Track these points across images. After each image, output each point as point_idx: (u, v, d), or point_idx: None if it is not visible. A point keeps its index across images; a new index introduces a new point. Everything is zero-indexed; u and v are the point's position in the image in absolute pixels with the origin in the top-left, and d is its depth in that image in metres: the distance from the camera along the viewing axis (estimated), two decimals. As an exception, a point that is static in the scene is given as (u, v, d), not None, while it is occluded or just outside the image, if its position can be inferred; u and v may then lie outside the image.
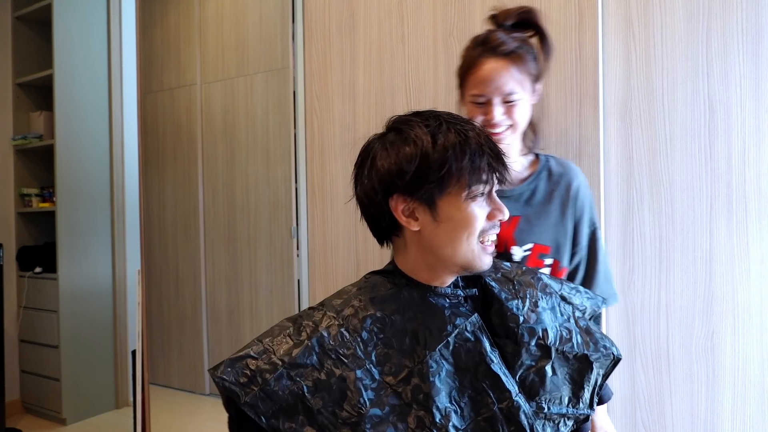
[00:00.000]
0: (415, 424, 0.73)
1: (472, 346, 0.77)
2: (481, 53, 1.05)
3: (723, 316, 1.26)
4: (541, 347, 0.79)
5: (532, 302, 0.81)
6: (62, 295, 2.89)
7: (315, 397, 0.72)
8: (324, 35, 1.72)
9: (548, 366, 0.78)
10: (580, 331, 0.82)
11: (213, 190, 2.39)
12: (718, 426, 1.26)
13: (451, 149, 0.74)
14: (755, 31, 1.23)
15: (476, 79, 1.06)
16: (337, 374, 0.74)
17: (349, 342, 0.76)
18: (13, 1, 3.04)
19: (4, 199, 3.05)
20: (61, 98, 2.91)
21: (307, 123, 1.75)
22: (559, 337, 0.80)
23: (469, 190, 0.75)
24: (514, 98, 1.05)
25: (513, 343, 0.79)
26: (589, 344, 0.81)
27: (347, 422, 0.72)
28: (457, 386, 0.75)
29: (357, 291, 0.82)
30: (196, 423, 2.37)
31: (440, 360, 0.76)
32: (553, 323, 0.81)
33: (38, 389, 3.00)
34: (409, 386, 0.74)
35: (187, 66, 2.44)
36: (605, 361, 0.82)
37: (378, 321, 0.77)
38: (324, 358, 0.74)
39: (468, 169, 0.74)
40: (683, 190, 1.29)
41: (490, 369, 0.75)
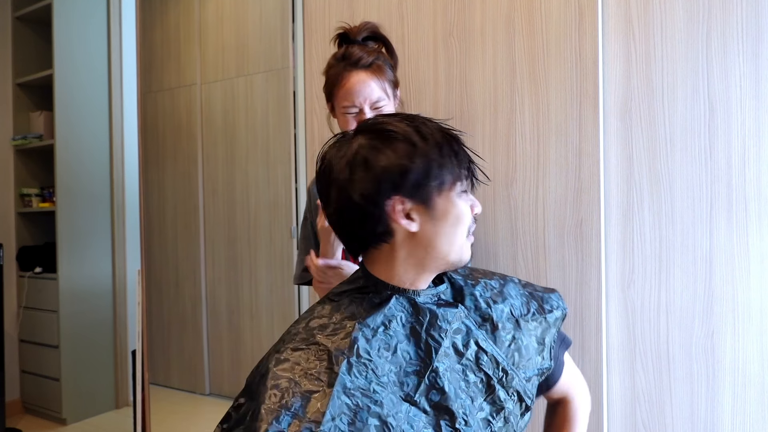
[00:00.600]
0: (441, 428, 0.74)
1: (467, 336, 0.80)
2: (344, 68, 1.17)
3: (723, 316, 1.26)
4: (511, 321, 0.85)
5: (495, 290, 0.88)
6: (62, 295, 2.89)
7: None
8: (324, 35, 1.72)
9: (519, 335, 0.85)
10: (534, 301, 0.90)
11: (213, 190, 2.39)
12: (718, 426, 1.27)
13: (445, 145, 0.76)
14: (755, 31, 1.23)
15: (345, 92, 1.16)
16: (371, 410, 0.70)
17: (363, 377, 0.71)
18: (13, 1, 3.04)
19: (4, 199, 3.05)
20: (61, 98, 2.92)
21: (307, 123, 1.75)
22: (522, 309, 0.88)
23: (460, 184, 0.77)
24: (382, 104, 1.17)
25: (492, 326, 0.83)
26: (542, 306, 0.90)
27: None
28: (464, 378, 0.79)
29: (342, 314, 0.78)
30: (196, 423, 2.37)
31: (445, 361, 0.77)
32: (516, 300, 0.88)
33: (38, 389, 3.00)
34: (427, 395, 0.75)
35: (187, 66, 2.44)
36: (560, 322, 0.91)
37: (381, 342, 0.75)
38: (351, 401, 0.69)
39: (456, 164, 0.77)
40: (683, 190, 1.29)
41: (483, 348, 0.81)
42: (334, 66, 1.19)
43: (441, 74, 1.53)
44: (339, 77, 1.17)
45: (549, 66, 1.40)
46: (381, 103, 1.17)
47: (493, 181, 1.47)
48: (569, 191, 1.38)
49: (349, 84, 1.16)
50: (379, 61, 1.18)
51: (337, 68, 1.18)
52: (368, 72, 1.16)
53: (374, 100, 1.16)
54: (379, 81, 1.17)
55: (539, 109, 1.41)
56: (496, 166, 1.46)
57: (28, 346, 3.04)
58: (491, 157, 1.48)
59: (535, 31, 1.41)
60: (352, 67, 1.16)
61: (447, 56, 1.53)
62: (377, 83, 1.16)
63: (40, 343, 2.97)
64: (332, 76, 1.19)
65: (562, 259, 1.39)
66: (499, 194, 1.45)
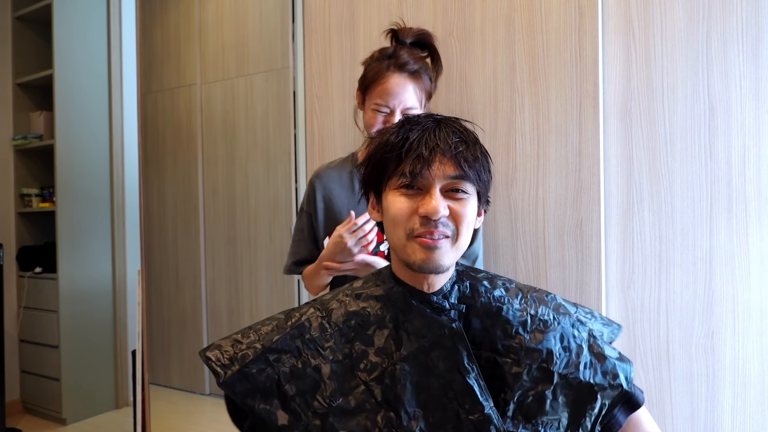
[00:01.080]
0: (383, 423, 0.73)
1: (449, 355, 0.75)
2: (388, 67, 1.18)
3: (723, 316, 1.26)
4: (543, 370, 0.76)
5: (542, 321, 0.78)
6: (62, 295, 2.89)
7: (290, 383, 0.75)
8: (324, 35, 1.72)
9: (549, 390, 0.75)
10: (591, 357, 0.78)
11: (213, 190, 2.39)
12: (718, 426, 1.27)
13: (407, 142, 0.75)
14: (755, 31, 1.23)
15: (383, 90, 1.18)
16: (312, 364, 0.76)
17: (328, 334, 0.77)
18: (13, 1, 3.04)
19: (4, 199, 3.05)
20: (61, 98, 2.91)
21: (307, 123, 1.75)
22: (565, 362, 0.76)
23: (404, 181, 0.75)
24: (413, 111, 1.19)
25: (515, 363, 0.76)
26: (597, 372, 0.77)
27: (317, 412, 0.74)
28: (428, 392, 0.75)
29: (348, 287, 0.84)
30: (196, 423, 2.37)
31: (414, 364, 0.75)
32: (560, 346, 0.77)
33: (38, 389, 3.00)
34: (381, 386, 0.75)
35: (187, 66, 2.44)
36: (611, 392, 0.77)
37: (360, 317, 0.78)
38: (303, 346, 0.77)
39: (402, 161, 0.74)
40: (683, 190, 1.29)
41: (465, 380, 0.74)
42: (379, 61, 1.20)
43: (441, 74, 1.53)
44: (381, 74, 1.18)
45: (549, 66, 1.40)
46: (413, 110, 1.18)
47: (493, 181, 1.47)
48: (569, 191, 1.38)
49: (389, 84, 1.17)
50: (422, 70, 1.21)
51: (381, 65, 1.19)
52: (410, 78, 1.19)
53: (408, 106, 1.18)
54: (418, 89, 1.19)
55: (539, 109, 1.41)
56: (496, 166, 1.46)
57: (28, 346, 3.03)
58: (491, 156, 1.48)
59: (535, 31, 1.41)
60: (396, 68, 1.18)
61: (447, 56, 1.53)
62: (415, 91, 1.19)
63: (40, 343, 2.97)
64: (374, 70, 1.20)
65: (562, 259, 1.39)
66: (499, 194, 1.45)
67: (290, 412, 0.74)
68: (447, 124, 0.77)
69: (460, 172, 0.73)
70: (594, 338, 0.79)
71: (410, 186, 0.74)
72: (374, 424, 0.73)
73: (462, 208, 0.74)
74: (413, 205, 0.74)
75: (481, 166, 0.76)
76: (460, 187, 0.74)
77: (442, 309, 0.78)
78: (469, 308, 0.79)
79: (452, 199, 0.74)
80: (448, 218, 0.74)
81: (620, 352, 0.82)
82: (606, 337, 0.84)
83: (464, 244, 0.76)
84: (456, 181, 0.74)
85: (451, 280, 0.80)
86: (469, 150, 0.75)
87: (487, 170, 0.78)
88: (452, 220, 0.74)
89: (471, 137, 0.77)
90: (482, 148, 0.79)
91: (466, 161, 0.74)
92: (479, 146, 0.78)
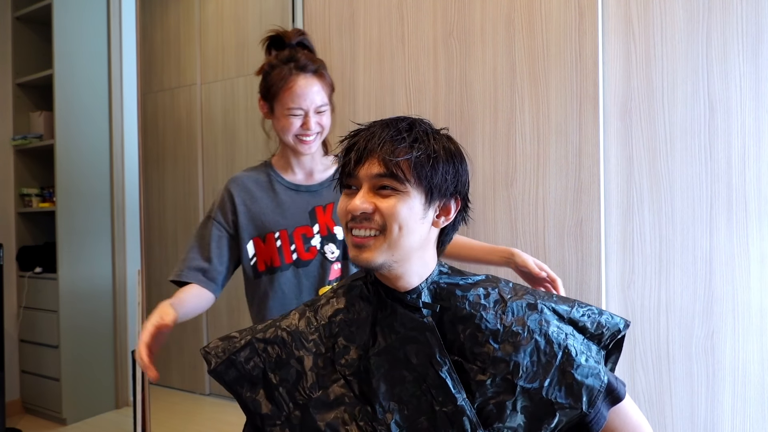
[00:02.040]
0: (359, 416, 0.75)
1: (422, 349, 0.77)
2: (291, 71, 1.20)
3: (723, 316, 1.26)
4: (507, 381, 0.76)
5: (515, 334, 0.78)
6: (62, 295, 2.88)
7: (275, 372, 0.78)
8: (324, 35, 1.72)
9: (509, 401, 0.76)
10: (559, 375, 0.77)
11: (213, 190, 2.38)
12: (718, 426, 1.26)
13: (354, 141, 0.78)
14: (755, 31, 1.23)
15: (292, 94, 1.19)
16: (296, 355, 0.79)
17: (314, 328, 0.81)
18: (13, 1, 3.04)
19: (4, 199, 3.05)
20: (61, 98, 2.91)
21: (307, 123, 1.75)
22: (531, 376, 0.76)
23: (345, 180, 0.79)
24: (324, 109, 1.23)
25: (480, 371, 0.77)
26: (561, 391, 0.77)
27: (297, 403, 0.77)
28: (403, 385, 0.77)
29: (337, 285, 0.88)
30: (196, 423, 2.37)
31: (388, 358, 0.77)
32: (529, 360, 0.77)
33: (38, 389, 2.99)
34: (358, 379, 0.77)
35: (187, 66, 2.44)
36: (570, 412, 0.77)
37: (346, 314, 0.81)
38: (288, 338, 0.80)
39: (342, 163, 0.78)
40: (683, 190, 1.29)
41: (438, 374, 0.76)
42: (279, 67, 1.22)
43: (441, 74, 1.53)
44: (286, 79, 1.20)
45: (549, 66, 1.40)
46: (323, 108, 1.22)
47: (493, 181, 1.47)
48: (569, 191, 1.38)
49: (296, 87, 1.19)
50: (321, 68, 1.24)
51: (283, 70, 1.21)
52: (314, 77, 1.22)
53: (318, 104, 1.21)
54: (323, 87, 1.23)
55: (539, 109, 1.41)
56: (496, 166, 1.46)
57: (28, 346, 3.03)
58: (491, 157, 1.48)
59: (535, 31, 1.41)
60: (299, 70, 1.20)
61: (447, 56, 1.53)
62: (321, 89, 1.22)
63: (40, 343, 2.97)
64: (277, 76, 1.21)
65: (562, 259, 1.39)
66: (499, 194, 1.45)
67: (273, 402, 0.77)
68: (390, 125, 0.78)
69: (386, 171, 0.74)
70: (568, 355, 0.78)
71: (349, 186, 0.78)
72: (352, 417, 0.76)
73: (388, 205, 0.75)
74: (348, 203, 0.78)
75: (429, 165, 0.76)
76: (387, 185, 0.75)
77: (415, 308, 0.79)
78: (444, 310, 0.80)
79: (381, 196, 0.76)
80: (374, 214, 0.75)
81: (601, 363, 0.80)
82: (607, 336, 0.83)
83: (404, 241, 0.75)
84: (381, 179, 0.75)
85: (428, 280, 0.81)
86: (406, 149, 0.75)
87: (439, 170, 0.76)
88: (380, 216, 0.75)
89: (417, 136, 0.77)
90: (437, 146, 0.78)
91: (392, 160, 0.74)
92: (428, 144, 0.77)
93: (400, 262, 0.77)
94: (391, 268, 0.77)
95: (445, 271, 0.84)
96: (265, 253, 1.26)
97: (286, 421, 0.76)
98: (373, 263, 0.75)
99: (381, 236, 0.75)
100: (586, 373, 0.78)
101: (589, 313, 0.84)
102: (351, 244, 0.77)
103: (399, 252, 0.76)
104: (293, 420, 0.76)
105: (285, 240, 1.25)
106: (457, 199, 0.81)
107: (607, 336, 0.84)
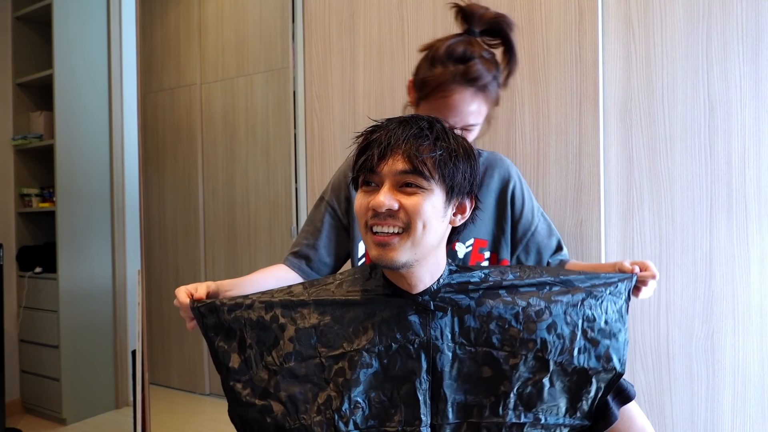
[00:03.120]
0: (323, 400, 0.76)
1: (407, 362, 0.77)
2: (455, 78, 1.01)
3: (723, 316, 1.26)
4: (539, 360, 0.77)
5: (534, 312, 0.79)
6: (62, 295, 2.88)
7: (253, 331, 0.80)
8: (324, 35, 1.72)
9: (546, 378, 0.77)
10: (585, 341, 0.79)
11: (213, 190, 2.39)
12: (718, 426, 1.27)
13: (366, 140, 0.78)
14: (755, 31, 1.23)
15: (444, 105, 1.02)
16: (279, 321, 0.80)
17: (306, 303, 0.81)
18: (13, 1, 3.04)
19: (4, 199, 3.04)
20: (61, 98, 2.91)
21: (307, 123, 1.75)
22: (559, 349, 0.78)
23: (363, 178, 0.78)
24: (472, 128, 1.05)
25: (511, 355, 0.77)
26: (591, 356, 0.79)
27: (267, 367, 0.78)
28: (377, 388, 0.77)
29: (340, 273, 0.88)
30: (196, 423, 2.37)
31: (374, 358, 0.77)
32: (554, 334, 0.78)
33: (38, 389, 2.99)
34: (336, 366, 0.77)
35: (187, 66, 2.44)
36: (606, 376, 0.79)
37: (341, 299, 0.82)
38: (276, 305, 0.81)
39: (357, 158, 0.77)
40: (683, 190, 1.29)
41: (414, 391, 0.76)
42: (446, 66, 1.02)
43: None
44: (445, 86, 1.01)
45: (549, 66, 1.40)
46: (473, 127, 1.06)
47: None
48: (569, 191, 1.38)
49: (452, 100, 1.01)
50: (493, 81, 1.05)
51: (447, 72, 1.01)
52: (476, 92, 1.02)
53: (469, 122, 1.04)
54: (483, 105, 1.05)
55: (539, 109, 1.41)
56: (496, 166, 1.46)
57: (28, 346, 3.03)
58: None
59: (535, 31, 1.41)
60: (464, 83, 1.01)
61: (447, 56, 1.52)
62: (480, 107, 1.04)
63: (40, 343, 2.97)
64: (438, 78, 1.01)
65: (562, 259, 1.39)
66: (499, 194, 1.45)
67: (243, 358, 0.79)
68: (410, 122, 0.77)
69: (411, 167, 0.74)
70: (588, 322, 0.80)
71: (368, 183, 0.77)
72: (315, 397, 0.76)
73: (413, 202, 0.74)
74: (369, 200, 0.76)
75: (451, 163, 0.76)
76: (411, 182, 0.74)
77: (426, 310, 0.79)
78: (460, 307, 0.80)
79: (405, 194, 0.75)
80: (399, 212, 0.74)
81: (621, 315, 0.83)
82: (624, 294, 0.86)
83: (426, 239, 0.75)
84: (406, 176, 0.74)
85: (441, 280, 0.81)
86: (430, 146, 0.75)
87: (459, 168, 0.77)
88: (405, 214, 0.74)
89: (439, 135, 0.77)
90: (456, 145, 0.78)
91: (418, 157, 0.74)
92: (449, 143, 0.77)
93: (421, 260, 0.77)
94: (411, 267, 0.77)
95: (455, 269, 0.84)
96: None
97: (249, 381, 0.78)
98: (397, 262, 0.75)
99: (405, 234, 0.75)
100: (608, 332, 0.80)
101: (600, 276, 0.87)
102: (373, 243, 0.76)
103: (421, 250, 0.76)
104: (257, 381, 0.78)
105: None
106: (471, 197, 0.82)
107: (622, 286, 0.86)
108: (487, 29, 1.08)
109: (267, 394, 0.77)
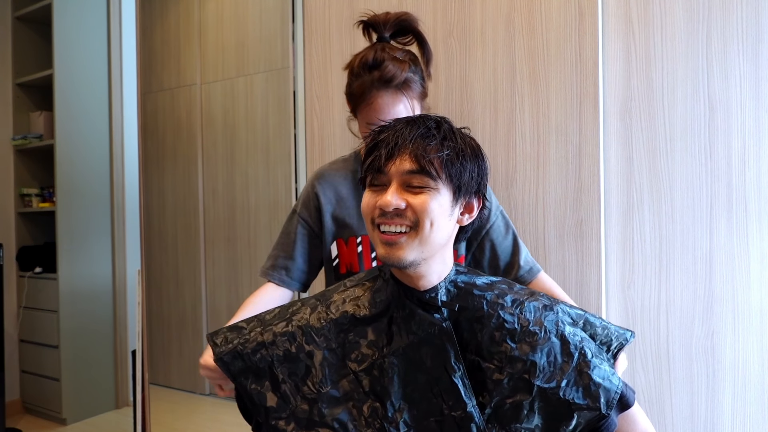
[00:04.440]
0: (368, 413, 0.76)
1: (437, 353, 0.77)
2: (372, 84, 1.06)
3: (723, 316, 1.26)
4: (524, 381, 0.76)
5: (532, 333, 0.78)
6: (62, 295, 2.89)
7: (282, 366, 0.79)
8: (324, 35, 1.72)
9: (526, 401, 0.76)
10: (576, 376, 0.77)
11: (213, 190, 2.39)
12: (718, 426, 1.27)
13: (374, 140, 0.78)
14: (755, 31, 1.23)
15: (372, 110, 1.07)
16: (306, 350, 0.79)
17: (324, 323, 0.81)
18: (13, 1, 3.04)
19: (4, 199, 3.05)
20: (61, 98, 2.91)
21: (307, 123, 1.75)
22: (548, 377, 0.76)
23: (371, 178, 0.78)
24: None
25: (497, 370, 0.77)
26: (578, 392, 0.76)
27: (306, 397, 0.77)
28: (415, 386, 0.77)
29: (349, 280, 0.88)
30: (196, 423, 2.37)
31: (403, 359, 0.77)
32: (546, 360, 0.77)
33: (38, 389, 2.99)
34: (370, 377, 0.77)
35: (187, 66, 2.44)
36: (588, 414, 0.76)
37: (358, 310, 0.81)
38: (298, 332, 0.80)
39: (365, 158, 0.78)
40: (683, 190, 1.29)
41: (451, 378, 0.76)
42: (362, 77, 1.08)
43: (441, 74, 1.53)
44: (367, 93, 1.07)
45: (549, 66, 1.40)
46: None
47: (493, 181, 1.47)
48: (569, 191, 1.38)
49: (377, 104, 1.07)
50: (412, 77, 1.09)
51: (365, 81, 1.07)
52: (398, 92, 1.07)
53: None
54: (408, 100, 1.09)
55: (539, 109, 1.41)
56: (496, 166, 1.46)
57: (28, 346, 3.03)
58: (491, 157, 1.48)
59: (535, 31, 1.41)
60: (382, 86, 1.06)
61: (447, 56, 1.53)
62: (406, 104, 1.09)
63: (40, 343, 2.97)
64: (359, 89, 1.08)
65: (562, 259, 1.39)
66: (499, 194, 1.45)
67: (279, 395, 0.77)
68: (418, 123, 0.78)
69: (418, 167, 0.74)
70: (584, 357, 0.78)
71: (376, 183, 0.78)
72: (360, 413, 0.76)
73: (420, 201, 0.75)
74: (377, 199, 0.77)
75: (458, 163, 0.77)
76: (418, 182, 0.75)
77: (433, 307, 0.79)
78: (461, 309, 0.80)
79: (412, 193, 0.76)
80: (406, 210, 0.75)
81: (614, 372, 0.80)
82: (615, 344, 0.84)
83: (434, 238, 0.76)
84: (413, 176, 0.75)
85: (447, 279, 0.81)
86: (437, 146, 0.76)
87: (467, 168, 0.78)
88: (412, 212, 0.75)
89: (446, 134, 0.78)
90: (464, 145, 0.79)
91: (425, 157, 0.74)
92: (456, 143, 0.78)
93: (428, 259, 0.77)
94: (419, 266, 0.77)
95: (462, 270, 0.84)
96: (347, 257, 1.18)
97: (291, 415, 0.77)
98: (404, 261, 0.75)
99: (412, 232, 0.75)
100: (603, 375, 0.78)
101: (600, 321, 0.85)
102: (380, 242, 0.77)
103: (429, 249, 0.76)
104: (299, 414, 0.77)
105: (366, 247, 1.17)
106: (479, 197, 0.82)
107: (615, 345, 0.84)
108: (396, 31, 1.13)
109: (313, 424, 0.76)
